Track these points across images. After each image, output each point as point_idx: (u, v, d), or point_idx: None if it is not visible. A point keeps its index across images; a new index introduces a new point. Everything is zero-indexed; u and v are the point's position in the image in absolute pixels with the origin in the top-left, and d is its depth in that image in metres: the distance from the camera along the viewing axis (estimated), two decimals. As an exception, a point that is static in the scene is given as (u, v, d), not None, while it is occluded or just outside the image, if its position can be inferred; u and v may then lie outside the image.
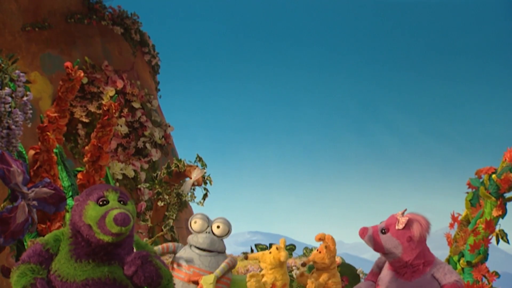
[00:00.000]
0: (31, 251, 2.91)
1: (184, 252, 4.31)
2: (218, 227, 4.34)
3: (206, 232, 4.33)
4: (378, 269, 4.00)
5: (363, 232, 3.76)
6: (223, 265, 4.21)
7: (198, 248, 4.30)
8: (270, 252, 4.29)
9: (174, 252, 4.35)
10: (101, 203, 2.93)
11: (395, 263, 3.74)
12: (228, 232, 4.38)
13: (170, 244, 4.40)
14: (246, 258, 4.47)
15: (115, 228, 2.82)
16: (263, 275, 4.27)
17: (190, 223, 4.39)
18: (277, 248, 4.29)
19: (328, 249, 4.43)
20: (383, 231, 3.73)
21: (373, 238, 3.72)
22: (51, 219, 4.64)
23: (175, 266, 4.24)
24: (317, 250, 4.47)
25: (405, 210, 3.78)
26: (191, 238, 4.37)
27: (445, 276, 3.67)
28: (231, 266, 4.29)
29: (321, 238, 4.51)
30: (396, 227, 3.70)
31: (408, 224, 3.69)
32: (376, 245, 3.73)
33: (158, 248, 4.28)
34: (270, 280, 4.22)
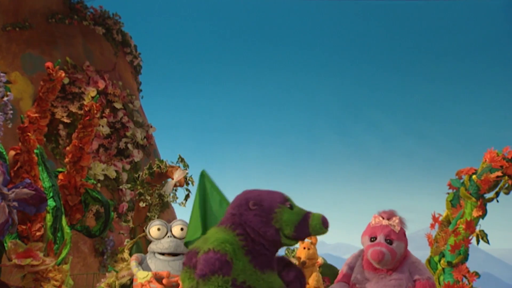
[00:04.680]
0: (218, 262, 2.70)
1: (151, 262, 4.29)
2: (182, 229, 4.33)
3: (168, 237, 4.32)
4: (350, 270, 4.02)
5: (383, 257, 3.75)
6: None
7: (162, 253, 4.29)
8: None
9: (141, 262, 4.34)
10: (289, 206, 2.92)
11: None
12: None
13: (138, 255, 4.39)
14: None
15: (323, 230, 2.89)
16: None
17: (149, 231, 4.37)
18: None
19: (314, 245, 4.40)
20: (388, 241, 3.81)
21: (391, 255, 3.78)
22: (31, 220, 4.59)
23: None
24: (303, 248, 4.43)
25: (380, 212, 3.91)
26: (154, 246, 4.34)
27: (420, 271, 3.87)
28: None
29: None
30: (397, 231, 3.84)
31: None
32: (394, 258, 3.80)
33: (133, 262, 4.26)
34: None
